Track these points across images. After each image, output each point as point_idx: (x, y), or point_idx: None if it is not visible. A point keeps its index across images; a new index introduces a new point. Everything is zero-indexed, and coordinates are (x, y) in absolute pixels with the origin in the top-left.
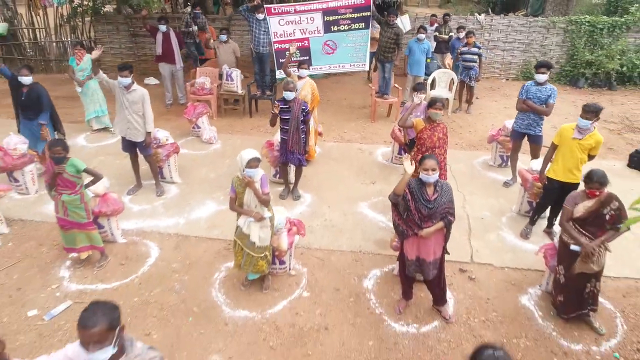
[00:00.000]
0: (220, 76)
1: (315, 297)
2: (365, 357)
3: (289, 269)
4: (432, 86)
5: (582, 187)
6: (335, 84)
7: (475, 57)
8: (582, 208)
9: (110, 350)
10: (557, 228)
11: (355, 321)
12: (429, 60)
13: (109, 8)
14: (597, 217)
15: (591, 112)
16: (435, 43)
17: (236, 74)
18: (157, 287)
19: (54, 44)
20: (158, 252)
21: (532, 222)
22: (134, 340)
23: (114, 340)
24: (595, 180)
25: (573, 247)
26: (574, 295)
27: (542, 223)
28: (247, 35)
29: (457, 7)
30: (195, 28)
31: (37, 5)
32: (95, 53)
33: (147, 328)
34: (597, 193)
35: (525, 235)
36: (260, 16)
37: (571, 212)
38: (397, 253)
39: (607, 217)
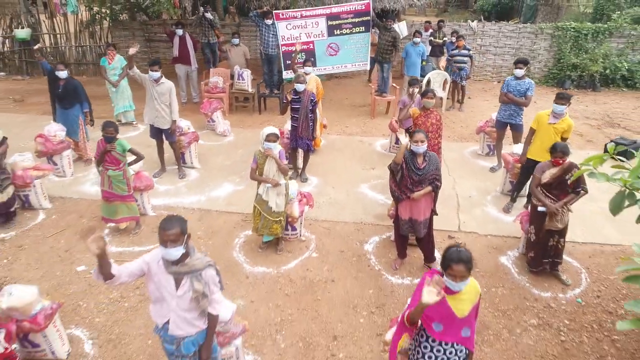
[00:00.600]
0: (232, 76)
1: (322, 257)
2: (366, 302)
3: (300, 235)
4: (428, 86)
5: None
6: (337, 85)
7: (465, 58)
8: (548, 175)
9: (180, 250)
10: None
11: (358, 275)
12: (424, 63)
13: (124, 16)
14: (560, 182)
15: (564, 98)
16: (430, 47)
17: (247, 74)
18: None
19: (73, 48)
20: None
21: (513, 199)
22: (195, 248)
23: (184, 243)
24: (559, 150)
25: (540, 208)
26: (541, 250)
27: (523, 200)
28: (254, 40)
29: (453, 15)
30: (215, 24)
31: (52, 13)
32: (132, 50)
33: None
34: (561, 161)
35: (507, 210)
36: (269, 21)
37: (539, 178)
38: (393, 224)
39: (569, 181)
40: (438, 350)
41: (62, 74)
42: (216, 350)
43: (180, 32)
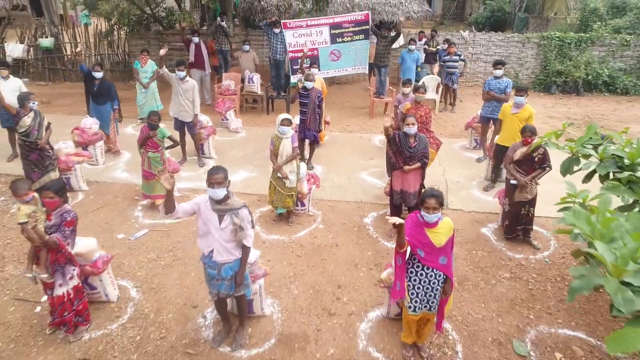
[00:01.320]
0: (242, 80)
1: (328, 228)
2: (366, 261)
3: (308, 211)
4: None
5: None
6: (339, 90)
7: (456, 64)
8: (519, 153)
9: (224, 191)
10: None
11: (358, 241)
12: (419, 69)
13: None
14: (529, 159)
15: (522, 90)
16: (424, 55)
17: (256, 77)
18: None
19: (93, 56)
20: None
21: (493, 181)
22: (233, 193)
23: (226, 186)
24: (528, 130)
25: (512, 181)
26: (515, 218)
27: (501, 185)
28: (260, 48)
29: (449, 27)
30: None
31: (67, 25)
32: (162, 51)
33: None
34: (530, 140)
35: (487, 189)
36: (277, 30)
37: (511, 156)
38: (389, 201)
39: (536, 159)
40: (421, 274)
41: (98, 74)
42: (247, 278)
43: (196, 39)
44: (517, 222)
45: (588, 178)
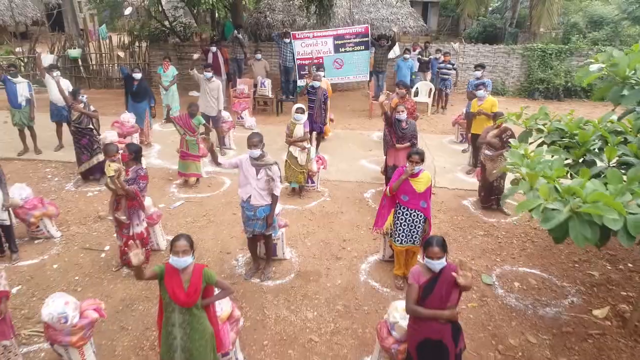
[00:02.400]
0: (255, 85)
1: (334, 200)
2: (365, 224)
3: (317, 187)
4: (416, 94)
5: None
6: (341, 96)
7: (450, 71)
8: (491, 135)
9: (259, 151)
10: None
11: (359, 210)
12: (414, 76)
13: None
14: (500, 141)
15: (482, 83)
16: (418, 64)
17: (267, 82)
18: (234, 195)
19: (116, 66)
20: (230, 182)
21: (474, 165)
22: (267, 153)
23: (262, 148)
24: (499, 115)
25: (487, 152)
26: (488, 190)
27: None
28: (269, 58)
29: (444, 42)
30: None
31: (88, 39)
32: (196, 55)
33: (231, 213)
34: (501, 124)
35: (469, 173)
36: (287, 40)
37: (485, 135)
38: (384, 181)
39: (505, 139)
40: (406, 214)
41: (137, 75)
42: (275, 221)
43: (214, 49)
44: (490, 193)
45: (538, 146)
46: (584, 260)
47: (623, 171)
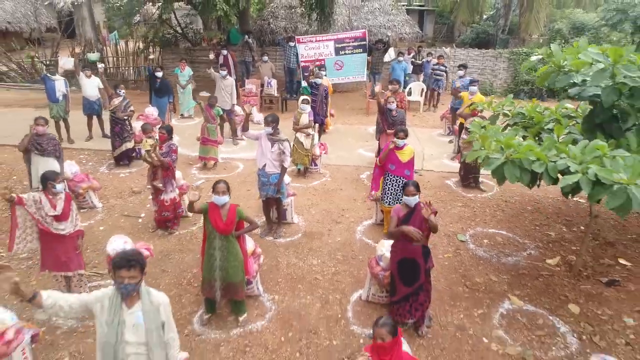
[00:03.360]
0: (262, 84)
1: (334, 180)
2: (361, 197)
3: (319, 170)
4: (409, 93)
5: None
6: (341, 96)
7: (443, 72)
8: (464, 109)
9: (271, 130)
10: None
11: (356, 187)
12: (407, 78)
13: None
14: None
15: (475, 81)
16: (412, 66)
17: (273, 82)
18: (247, 176)
19: (131, 68)
20: (242, 166)
21: (458, 152)
22: (280, 130)
23: (274, 127)
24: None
25: (463, 136)
26: (466, 170)
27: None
28: (274, 61)
29: (439, 48)
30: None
31: (102, 42)
32: (212, 56)
33: (246, 190)
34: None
35: (453, 159)
36: (292, 44)
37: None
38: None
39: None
40: (392, 180)
41: (159, 74)
42: (284, 187)
43: (224, 52)
44: (468, 173)
45: (504, 128)
46: (544, 224)
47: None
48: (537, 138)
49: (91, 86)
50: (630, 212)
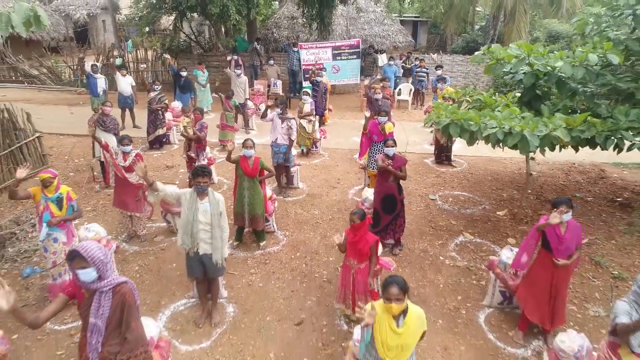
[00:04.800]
0: (268, 85)
1: (332, 159)
2: (354, 171)
3: (319, 151)
4: (399, 93)
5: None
6: (338, 97)
7: (424, 74)
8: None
9: (280, 111)
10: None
11: (349, 164)
12: (398, 80)
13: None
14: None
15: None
16: (402, 70)
17: (279, 83)
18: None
19: (150, 72)
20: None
21: None
22: (288, 112)
23: (282, 109)
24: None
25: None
26: (439, 150)
27: None
28: (278, 64)
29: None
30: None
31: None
32: (229, 57)
33: None
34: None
35: (431, 144)
36: (295, 49)
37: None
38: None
39: None
40: (376, 149)
41: (184, 73)
42: (291, 157)
43: (235, 56)
44: (441, 152)
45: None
46: (499, 188)
47: None
48: None
49: (125, 83)
50: (532, 152)
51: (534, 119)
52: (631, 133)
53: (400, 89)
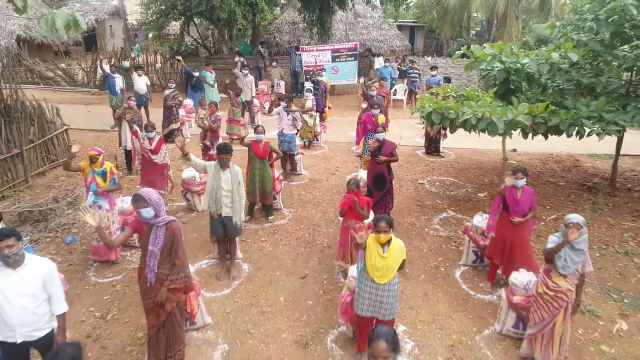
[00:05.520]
0: (272, 85)
1: (331, 150)
2: (352, 161)
3: (320, 144)
4: (395, 93)
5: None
6: (337, 98)
7: (416, 75)
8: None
9: (285, 104)
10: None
11: (347, 155)
12: (394, 81)
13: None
14: None
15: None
16: (398, 72)
17: (282, 83)
18: None
19: (159, 73)
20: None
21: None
22: (293, 105)
23: (287, 102)
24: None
25: None
26: (429, 142)
27: None
28: (281, 66)
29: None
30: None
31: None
32: (237, 59)
33: None
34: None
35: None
36: (297, 52)
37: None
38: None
39: None
40: (370, 137)
41: (195, 73)
42: (295, 146)
43: (241, 58)
44: (431, 143)
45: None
46: (482, 175)
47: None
48: None
49: (141, 83)
50: (500, 134)
51: (502, 107)
52: (591, 121)
53: (395, 90)
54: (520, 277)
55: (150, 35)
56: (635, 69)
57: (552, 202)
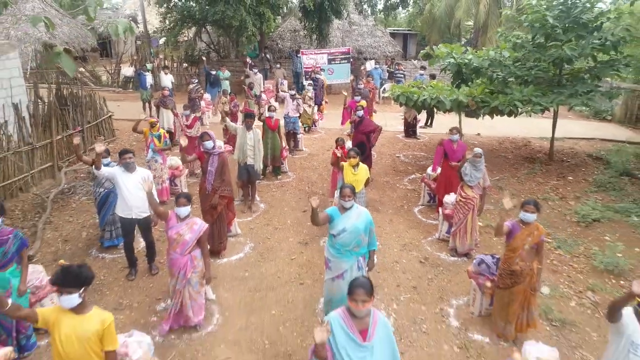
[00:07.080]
0: (276, 84)
1: (327, 134)
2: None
3: (318, 129)
4: (384, 91)
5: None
6: (333, 96)
7: (402, 75)
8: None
9: (294, 92)
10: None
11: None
12: (383, 82)
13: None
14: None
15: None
16: (387, 73)
17: (285, 82)
18: None
19: (175, 75)
20: None
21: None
22: (298, 96)
23: (289, 90)
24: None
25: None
26: (407, 126)
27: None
28: (284, 67)
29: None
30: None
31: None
32: (248, 59)
33: None
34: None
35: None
36: (299, 55)
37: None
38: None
39: None
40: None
41: (214, 72)
42: (298, 127)
43: (249, 60)
44: (408, 127)
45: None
46: None
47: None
48: None
49: (167, 80)
50: (448, 110)
51: (450, 90)
52: (522, 104)
53: (384, 89)
54: (450, 197)
55: (162, 42)
56: (558, 63)
57: (498, 168)
